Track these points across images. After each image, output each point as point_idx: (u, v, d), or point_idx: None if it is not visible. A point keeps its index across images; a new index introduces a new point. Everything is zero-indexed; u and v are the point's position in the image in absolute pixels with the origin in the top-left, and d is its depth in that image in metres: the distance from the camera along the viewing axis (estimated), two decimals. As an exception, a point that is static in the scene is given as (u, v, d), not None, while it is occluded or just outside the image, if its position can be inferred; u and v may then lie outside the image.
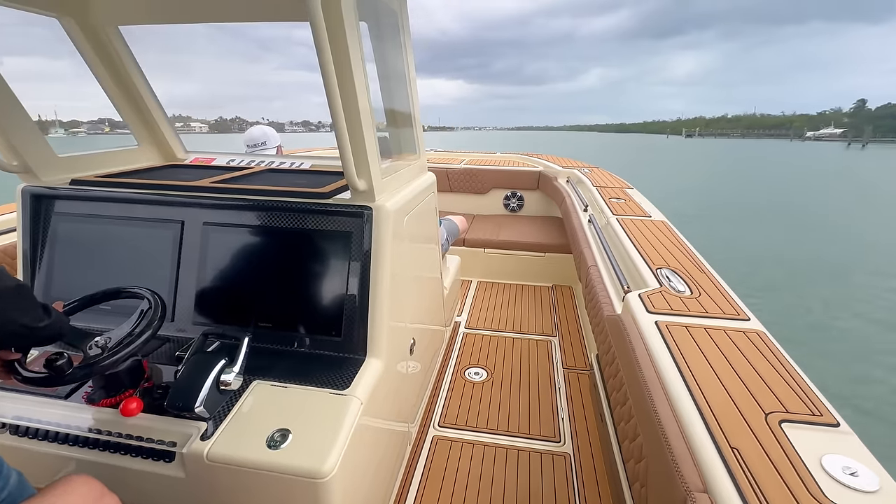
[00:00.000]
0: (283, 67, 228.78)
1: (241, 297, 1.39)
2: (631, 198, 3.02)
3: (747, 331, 1.29)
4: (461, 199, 4.56)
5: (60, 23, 1.52)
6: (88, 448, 1.08)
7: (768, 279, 8.40)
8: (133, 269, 1.43)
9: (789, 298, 7.55)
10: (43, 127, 13.94)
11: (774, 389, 1.03)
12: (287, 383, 1.19)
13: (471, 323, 2.94)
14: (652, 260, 1.84)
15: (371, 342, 1.30)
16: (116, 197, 1.45)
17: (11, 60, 29.15)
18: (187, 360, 1.13)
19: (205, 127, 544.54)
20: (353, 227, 1.33)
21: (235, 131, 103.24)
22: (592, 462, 1.78)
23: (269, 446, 1.01)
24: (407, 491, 1.64)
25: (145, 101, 1.76)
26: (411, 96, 1.77)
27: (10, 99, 1.33)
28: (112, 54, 1.63)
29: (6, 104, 1.32)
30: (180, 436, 1.06)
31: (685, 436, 0.93)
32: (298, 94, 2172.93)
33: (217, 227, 1.40)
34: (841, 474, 0.81)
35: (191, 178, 1.56)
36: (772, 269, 9.06)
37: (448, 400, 2.15)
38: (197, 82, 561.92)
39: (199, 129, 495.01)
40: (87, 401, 1.13)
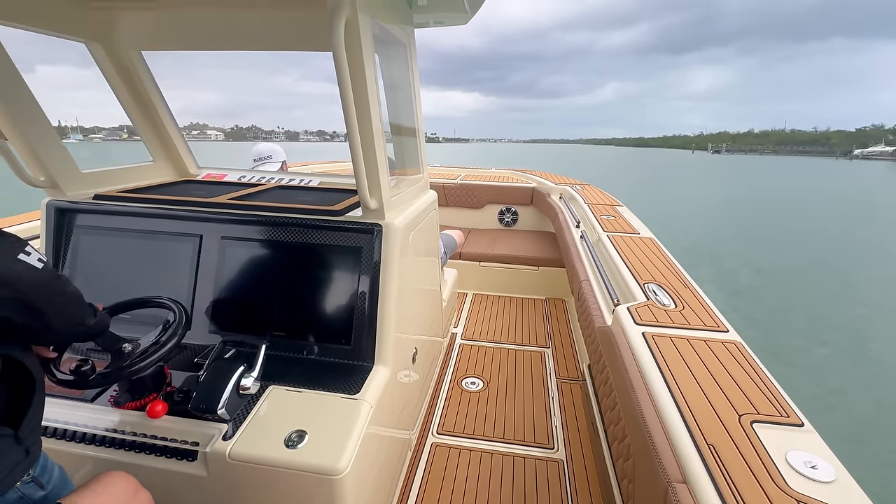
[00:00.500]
0: (305, 78, 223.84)
1: (256, 308, 1.47)
2: (621, 215, 3.16)
3: (726, 341, 1.40)
4: (457, 214, 4.68)
5: (87, 47, 1.62)
6: (115, 448, 1.16)
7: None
8: (153, 280, 1.52)
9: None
10: (62, 132, 13.77)
11: (748, 393, 1.14)
12: (301, 388, 1.27)
13: (467, 334, 3.03)
14: (640, 275, 1.96)
15: (379, 350, 1.39)
16: (138, 212, 1.54)
17: (43, 69, 28.46)
18: (209, 366, 1.21)
19: (220, 135, 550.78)
20: (363, 242, 1.43)
21: (251, 139, 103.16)
22: (584, 468, 1.87)
23: (287, 446, 1.09)
24: (408, 494, 1.71)
25: (162, 120, 1.86)
26: (417, 121, 1.90)
27: (38, 116, 1.42)
28: (134, 77, 1.73)
29: (35, 121, 1.41)
30: (203, 436, 1.14)
31: (667, 435, 1.03)
32: (318, 104, 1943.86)
33: (234, 241, 1.49)
34: (803, 467, 0.91)
35: (206, 194, 1.66)
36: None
37: (446, 408, 2.23)
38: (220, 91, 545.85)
39: (214, 137, 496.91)
40: (113, 404, 1.20)
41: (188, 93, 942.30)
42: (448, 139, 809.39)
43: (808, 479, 0.89)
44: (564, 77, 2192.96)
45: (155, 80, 1.80)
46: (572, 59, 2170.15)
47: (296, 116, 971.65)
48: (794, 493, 0.85)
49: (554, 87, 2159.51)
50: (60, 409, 1.22)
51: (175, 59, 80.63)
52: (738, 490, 0.86)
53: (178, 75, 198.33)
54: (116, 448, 1.16)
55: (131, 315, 1.22)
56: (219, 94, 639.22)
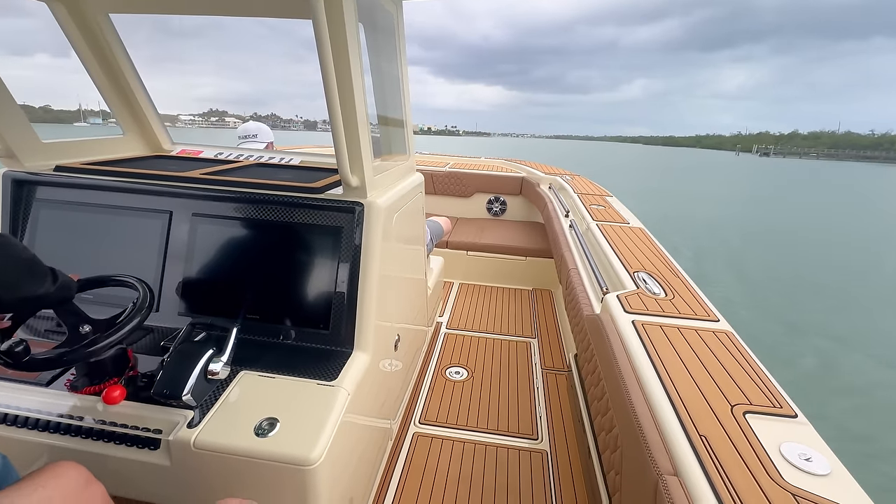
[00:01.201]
0: None
1: (228, 289, 1.39)
2: (610, 205, 3.12)
3: (717, 331, 1.37)
4: (445, 202, 4.61)
5: (50, 8, 1.50)
6: (70, 435, 1.07)
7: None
8: (117, 258, 1.42)
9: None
10: (80, 115, 13.40)
11: (740, 384, 1.11)
12: (274, 374, 1.20)
13: (452, 323, 2.98)
14: (629, 264, 1.92)
15: (358, 336, 1.32)
16: (103, 185, 1.43)
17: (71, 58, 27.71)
18: (175, 349, 1.13)
19: (239, 123, 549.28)
20: (343, 222, 1.35)
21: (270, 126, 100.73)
22: (568, 458, 1.84)
23: (257, 434, 1.03)
24: (388, 485, 1.66)
25: (133, 91, 1.75)
26: (403, 98, 1.81)
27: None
28: (101, 42, 1.62)
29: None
30: (166, 423, 1.07)
31: (658, 425, 0.99)
32: None
33: (206, 219, 1.40)
34: (797, 460, 0.88)
35: (179, 169, 1.56)
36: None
37: (429, 398, 2.18)
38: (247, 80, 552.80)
39: (233, 125, 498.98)
40: (69, 388, 1.12)
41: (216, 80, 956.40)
42: (468, 133, 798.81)
43: (803, 471, 0.86)
44: (590, 72, 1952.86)
45: (124, 47, 1.68)
46: (599, 53, 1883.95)
47: (319, 105, 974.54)
48: (789, 486, 0.82)
49: (579, 82, 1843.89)
50: (11, 392, 1.13)
51: (202, 44, 76.07)
52: (731, 483, 0.82)
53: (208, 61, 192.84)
54: (72, 435, 1.08)
55: (93, 295, 1.14)
56: (246, 82, 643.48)
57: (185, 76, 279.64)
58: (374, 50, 1.58)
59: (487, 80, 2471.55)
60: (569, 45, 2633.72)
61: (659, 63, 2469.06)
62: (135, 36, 1.54)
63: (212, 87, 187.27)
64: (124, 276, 1.13)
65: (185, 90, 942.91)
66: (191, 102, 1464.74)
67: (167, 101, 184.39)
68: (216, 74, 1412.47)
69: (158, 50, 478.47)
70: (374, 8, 1.47)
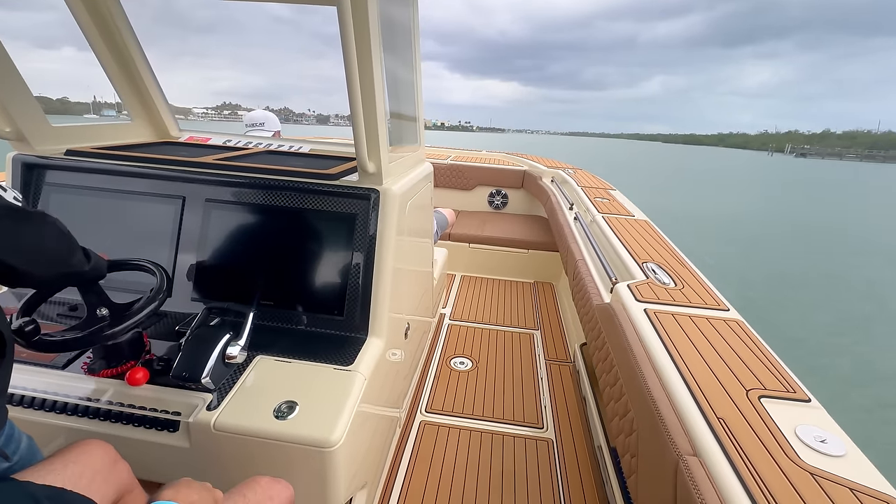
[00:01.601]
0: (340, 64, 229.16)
1: (242, 275, 1.39)
2: (614, 198, 3.14)
3: (727, 319, 1.39)
4: (447, 195, 4.61)
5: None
6: (89, 418, 1.07)
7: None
8: (130, 243, 1.42)
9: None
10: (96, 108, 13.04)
11: (753, 369, 1.12)
12: (291, 359, 1.21)
13: (455, 315, 2.99)
14: (637, 255, 1.93)
15: (373, 322, 1.32)
16: (115, 170, 1.42)
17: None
18: (192, 333, 1.13)
19: None
20: (358, 208, 1.35)
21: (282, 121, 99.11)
22: (574, 446, 1.86)
23: (277, 417, 1.03)
24: (397, 471, 1.67)
25: (142, 78, 1.73)
26: (416, 89, 1.81)
27: (6, 64, 1.29)
28: (112, 28, 1.60)
29: (2, 69, 1.28)
30: (185, 406, 1.07)
31: (675, 408, 1.01)
32: None
33: (220, 204, 1.40)
34: (813, 441, 0.90)
35: (190, 155, 1.55)
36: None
37: (434, 387, 2.19)
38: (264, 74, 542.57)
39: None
40: (86, 371, 1.12)
41: (234, 73, 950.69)
42: (483, 129, 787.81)
43: (819, 453, 0.87)
44: (608, 68, 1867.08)
45: (135, 34, 1.66)
46: (616, 49, 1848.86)
47: (334, 100, 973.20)
48: (807, 466, 0.83)
49: (596, 78, 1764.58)
50: (28, 375, 1.12)
51: (221, 41, 75.94)
52: (751, 463, 0.83)
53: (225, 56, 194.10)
54: (91, 418, 1.08)
55: (105, 279, 1.13)
56: (263, 76, 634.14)
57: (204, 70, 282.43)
58: (389, 40, 1.57)
59: (503, 76, 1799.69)
60: (586, 41, 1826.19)
61: (679, 59, 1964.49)
62: (155, 30, 1.55)
63: (229, 80, 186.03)
64: (145, 260, 1.13)
65: (204, 83, 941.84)
66: (208, 96, 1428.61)
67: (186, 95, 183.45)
68: (233, 69, 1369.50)
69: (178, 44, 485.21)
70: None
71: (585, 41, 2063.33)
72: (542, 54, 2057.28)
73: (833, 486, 0.79)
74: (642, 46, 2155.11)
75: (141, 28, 1.60)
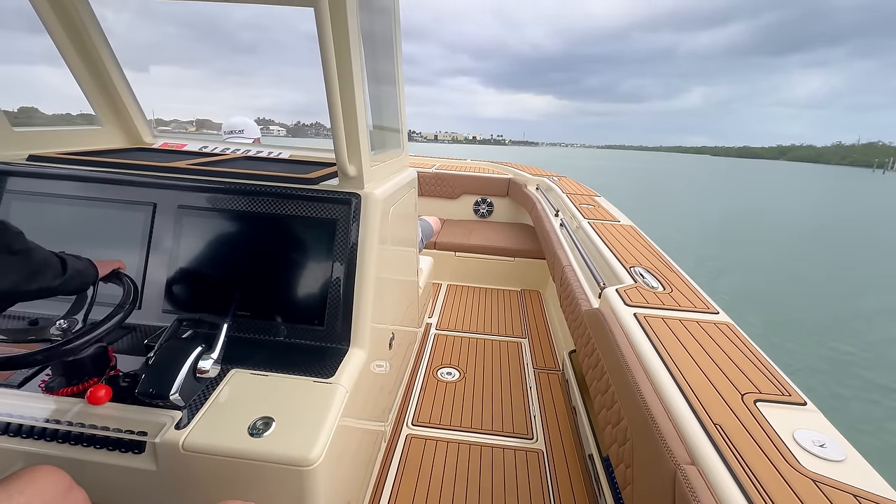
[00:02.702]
0: None
1: (216, 285, 1.32)
2: (599, 204, 3.14)
3: (718, 322, 1.36)
4: (432, 204, 4.58)
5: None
6: (45, 440, 0.99)
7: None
8: (97, 253, 1.33)
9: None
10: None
11: (747, 373, 1.10)
12: (268, 371, 1.14)
13: (442, 324, 2.94)
14: (625, 259, 1.91)
15: (355, 332, 1.27)
16: (80, 176, 1.35)
17: (159, 69, 26.32)
18: (161, 346, 1.06)
19: (283, 130, 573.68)
20: (339, 213, 1.30)
21: (311, 136, 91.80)
22: (564, 456, 1.81)
23: (252, 434, 0.96)
24: (382, 488, 1.60)
25: (113, 82, 1.66)
26: (399, 93, 1.78)
27: None
28: (80, 29, 1.53)
29: None
30: (152, 425, 1.00)
31: (670, 415, 0.97)
32: None
33: (193, 211, 1.33)
34: (812, 446, 0.87)
35: (163, 160, 1.49)
36: None
37: (421, 399, 2.13)
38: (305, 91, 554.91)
39: (276, 133, 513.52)
40: (44, 390, 1.04)
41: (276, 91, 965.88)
42: (515, 142, 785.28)
43: (819, 458, 0.84)
44: (645, 80, 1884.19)
45: (105, 35, 1.60)
46: (655, 61, 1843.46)
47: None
48: (808, 472, 0.80)
49: (633, 90, 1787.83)
50: None
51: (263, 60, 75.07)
52: (751, 470, 0.80)
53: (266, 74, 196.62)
54: (48, 440, 0.99)
55: None
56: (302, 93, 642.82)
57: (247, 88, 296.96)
58: (370, 47, 1.55)
59: (537, 90, 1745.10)
60: (623, 53, 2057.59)
61: (722, 69, 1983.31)
62: (201, 50, 1.48)
63: (271, 98, 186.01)
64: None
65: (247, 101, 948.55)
66: (251, 112, 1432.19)
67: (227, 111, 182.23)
68: (275, 87, 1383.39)
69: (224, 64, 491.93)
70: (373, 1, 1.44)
71: (622, 53, 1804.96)
72: (576, 67, 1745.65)
73: (836, 492, 0.76)
74: (682, 57, 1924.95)
75: (186, 48, 1.55)
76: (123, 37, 1.44)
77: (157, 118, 1.66)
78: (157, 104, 11.05)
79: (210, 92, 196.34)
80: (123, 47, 1.22)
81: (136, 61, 1.59)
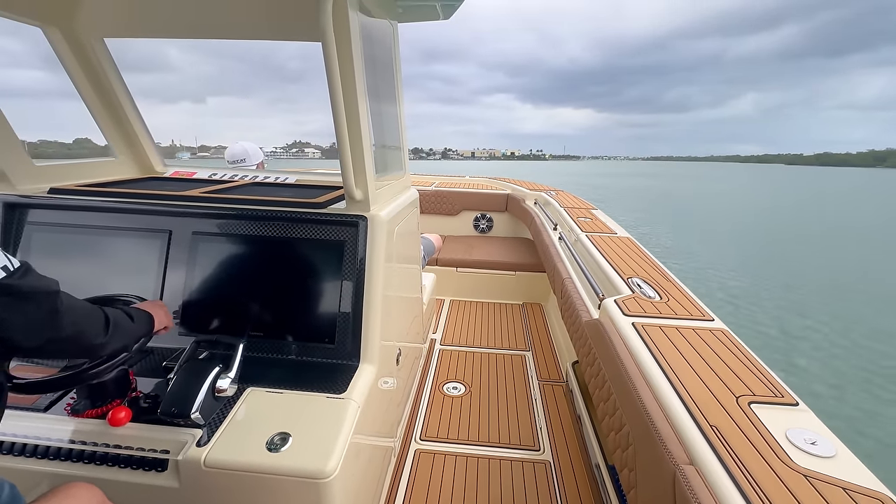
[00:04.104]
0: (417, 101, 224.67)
1: (231, 307, 1.38)
2: (597, 217, 3.21)
3: (713, 329, 1.42)
4: (432, 221, 4.65)
5: (44, 32, 1.51)
6: (72, 461, 1.03)
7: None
8: (115, 280, 1.40)
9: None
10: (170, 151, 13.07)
11: (741, 377, 1.15)
12: (282, 389, 1.19)
13: (446, 340, 2.98)
14: (622, 270, 1.97)
15: (364, 348, 1.32)
16: (98, 206, 1.42)
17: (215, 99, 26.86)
18: (181, 367, 1.11)
19: (317, 153, 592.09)
20: (346, 235, 1.36)
21: None
22: (571, 466, 1.84)
23: (270, 449, 1.01)
24: (393, 501, 1.63)
25: (127, 115, 1.75)
26: (399, 116, 1.86)
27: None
28: (96, 66, 1.62)
29: None
30: (174, 444, 1.04)
31: (669, 419, 1.02)
32: (428, 123, 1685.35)
33: (207, 237, 1.40)
34: (804, 444, 0.91)
35: (176, 189, 1.56)
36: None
37: (428, 414, 2.16)
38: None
39: (311, 155, 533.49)
40: (70, 412, 1.08)
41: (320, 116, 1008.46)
42: (556, 157, 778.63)
43: (811, 455, 0.89)
44: (690, 89, 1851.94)
45: (119, 71, 1.69)
46: (700, 69, 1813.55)
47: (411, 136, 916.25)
48: (800, 468, 0.85)
49: (678, 99, 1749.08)
50: (9, 420, 1.08)
51: (310, 88, 76.38)
52: (746, 468, 0.84)
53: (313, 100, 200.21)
54: (74, 461, 1.04)
55: None
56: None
57: (296, 114, 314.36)
58: (372, 73, 1.63)
59: (576, 104, 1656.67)
60: (665, 63, 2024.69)
61: (773, 74, 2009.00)
62: (254, 81, 1.53)
63: (317, 123, 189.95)
64: (130, 296, 1.12)
65: (294, 126, 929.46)
66: (299, 137, 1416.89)
67: (276, 137, 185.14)
68: (320, 111, 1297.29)
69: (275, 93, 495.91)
70: (373, 29, 1.53)
71: (664, 63, 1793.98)
72: (616, 79, 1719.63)
73: (826, 486, 0.80)
74: (729, 63, 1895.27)
75: (241, 80, 1.61)
76: (187, 72, 1.52)
77: (200, 144, 1.74)
78: (215, 133, 10.96)
79: (260, 119, 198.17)
80: (185, 82, 1.28)
81: (196, 93, 1.66)
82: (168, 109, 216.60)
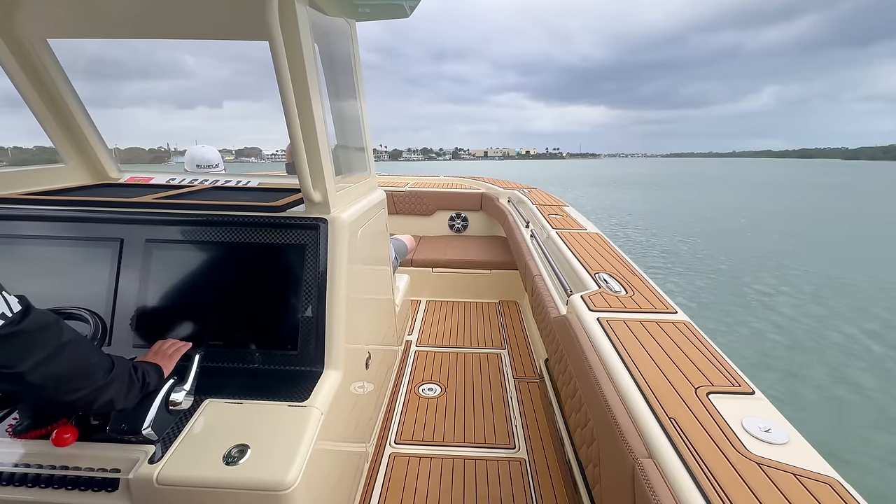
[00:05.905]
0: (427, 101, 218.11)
1: (188, 316, 1.33)
2: (567, 214, 3.24)
3: (676, 321, 1.44)
4: (407, 221, 4.63)
5: None
6: (14, 486, 0.98)
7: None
8: (63, 291, 1.33)
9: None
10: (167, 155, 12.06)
11: (701, 367, 1.17)
12: (242, 399, 1.15)
13: (422, 341, 2.96)
14: (590, 266, 1.99)
15: (329, 354, 1.29)
16: (43, 215, 1.35)
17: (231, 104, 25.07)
18: None
19: None
20: (307, 239, 1.33)
21: None
22: (546, 463, 1.85)
23: (227, 463, 0.98)
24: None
25: (75, 118, 1.67)
26: (362, 117, 1.83)
27: None
28: (39, 69, 1.54)
29: None
30: (125, 462, 1.00)
31: (630, 413, 1.02)
32: (441, 124, 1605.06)
33: (161, 244, 1.35)
34: (758, 432, 0.93)
35: (129, 196, 1.50)
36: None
37: (403, 417, 2.14)
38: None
39: None
40: (11, 434, 1.03)
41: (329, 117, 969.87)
42: (573, 155, 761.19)
43: (763, 442, 0.91)
44: (706, 84, 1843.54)
45: (65, 73, 1.62)
46: (716, 63, 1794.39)
47: (421, 137, 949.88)
48: (753, 456, 0.86)
49: (694, 95, 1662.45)
50: None
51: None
52: (701, 458, 0.86)
53: None
54: (17, 485, 0.98)
55: None
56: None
57: None
58: (329, 69, 1.60)
59: (589, 101, 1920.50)
60: (680, 58, 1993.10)
61: (793, 66, 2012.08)
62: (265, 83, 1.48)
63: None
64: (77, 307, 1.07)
65: None
66: None
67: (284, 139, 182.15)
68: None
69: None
70: (328, 28, 1.50)
71: (679, 57, 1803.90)
72: (630, 75, 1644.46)
73: (778, 472, 0.82)
74: (747, 56, 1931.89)
75: (254, 83, 1.51)
76: (201, 77, 1.45)
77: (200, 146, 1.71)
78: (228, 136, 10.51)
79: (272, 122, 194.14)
80: (200, 88, 1.21)
81: (211, 99, 1.59)
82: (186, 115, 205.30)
